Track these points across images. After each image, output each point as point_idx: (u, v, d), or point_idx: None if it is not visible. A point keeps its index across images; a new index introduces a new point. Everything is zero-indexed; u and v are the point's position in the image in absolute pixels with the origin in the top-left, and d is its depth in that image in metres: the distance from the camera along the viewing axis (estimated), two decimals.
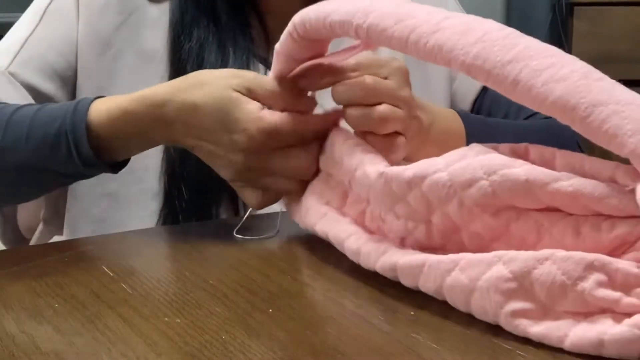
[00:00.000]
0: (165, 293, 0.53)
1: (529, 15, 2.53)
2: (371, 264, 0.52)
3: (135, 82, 0.82)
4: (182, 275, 0.57)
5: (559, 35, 2.40)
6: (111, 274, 0.57)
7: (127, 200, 0.80)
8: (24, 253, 0.66)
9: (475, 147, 0.48)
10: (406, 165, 0.50)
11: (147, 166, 0.79)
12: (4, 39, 0.86)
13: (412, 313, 0.47)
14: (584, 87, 0.42)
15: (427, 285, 0.48)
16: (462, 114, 0.79)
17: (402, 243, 0.52)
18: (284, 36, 0.60)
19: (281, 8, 0.86)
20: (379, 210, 0.53)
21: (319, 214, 0.59)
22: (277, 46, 0.62)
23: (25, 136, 0.67)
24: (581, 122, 0.41)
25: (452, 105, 0.94)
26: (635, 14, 2.33)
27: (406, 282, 0.50)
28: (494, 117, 0.93)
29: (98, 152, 0.66)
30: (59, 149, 0.66)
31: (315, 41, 0.59)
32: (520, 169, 0.44)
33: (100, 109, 0.67)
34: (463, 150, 0.48)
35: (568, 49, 2.34)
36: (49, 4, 0.85)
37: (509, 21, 2.46)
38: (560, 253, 0.41)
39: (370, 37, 0.52)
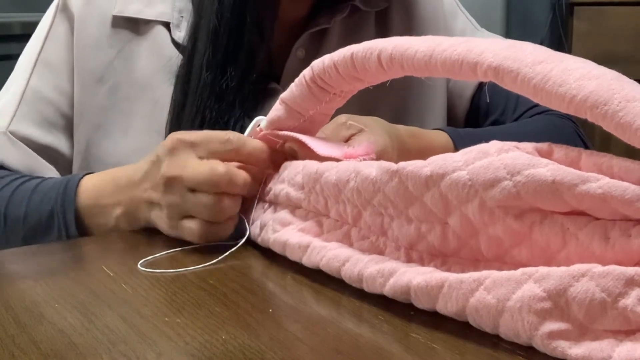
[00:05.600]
0: (165, 293, 0.53)
1: (529, 15, 2.53)
2: (377, 288, 0.49)
3: (130, 113, 0.83)
4: (182, 275, 0.57)
5: (559, 35, 2.40)
6: (111, 274, 0.57)
7: None
8: (24, 253, 0.66)
9: (495, 144, 0.45)
10: (422, 162, 0.48)
11: None
12: (4, 90, 0.87)
13: (411, 313, 0.47)
14: (617, 85, 0.40)
15: (447, 307, 0.45)
16: (449, 131, 0.80)
17: (408, 255, 0.50)
18: (295, 83, 0.61)
19: (289, 14, 0.86)
20: (380, 220, 0.52)
21: (302, 246, 0.56)
22: (284, 94, 0.63)
23: (23, 218, 0.72)
24: (613, 116, 0.39)
25: (450, 102, 0.95)
26: (635, 14, 2.33)
27: (421, 304, 0.47)
28: (493, 111, 0.94)
29: (87, 229, 0.71)
30: (52, 231, 0.71)
31: (324, 92, 0.60)
32: (546, 169, 0.42)
33: (88, 188, 0.71)
34: (483, 147, 0.46)
35: (568, 49, 2.34)
36: (40, 52, 0.85)
37: (509, 21, 2.46)
38: (597, 268, 0.39)
39: (393, 58, 0.52)
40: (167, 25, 0.85)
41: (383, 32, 0.92)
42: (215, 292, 0.53)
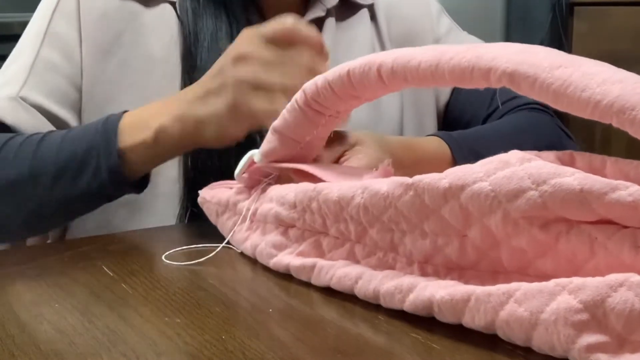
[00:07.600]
0: (165, 293, 0.53)
1: (529, 15, 2.53)
2: (396, 304, 0.48)
3: (144, 87, 0.83)
4: (182, 275, 0.57)
5: (559, 35, 2.40)
6: (111, 274, 0.57)
7: (145, 207, 0.81)
8: (24, 253, 0.66)
9: (516, 154, 0.44)
10: (439, 174, 0.46)
11: (162, 171, 0.79)
12: (8, 63, 0.86)
13: (412, 313, 0.47)
14: None
15: (474, 321, 0.43)
16: (442, 135, 0.80)
17: (423, 269, 0.49)
18: (287, 110, 0.58)
19: (280, 1, 0.87)
20: (389, 236, 0.50)
21: (307, 267, 0.55)
22: (276, 123, 0.59)
23: (55, 154, 0.71)
24: None
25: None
26: (635, 14, 2.33)
27: (445, 318, 0.45)
28: (467, 113, 0.95)
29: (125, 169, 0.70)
30: (87, 168, 0.70)
31: (319, 115, 0.57)
32: (572, 178, 0.40)
33: (130, 114, 0.72)
34: (504, 157, 0.44)
35: (568, 49, 2.34)
36: (48, 25, 0.84)
37: (509, 21, 2.46)
38: (635, 278, 0.38)
39: (395, 71, 0.50)
40: (173, 4, 0.85)
41: (376, 27, 0.94)
42: (215, 292, 0.53)
